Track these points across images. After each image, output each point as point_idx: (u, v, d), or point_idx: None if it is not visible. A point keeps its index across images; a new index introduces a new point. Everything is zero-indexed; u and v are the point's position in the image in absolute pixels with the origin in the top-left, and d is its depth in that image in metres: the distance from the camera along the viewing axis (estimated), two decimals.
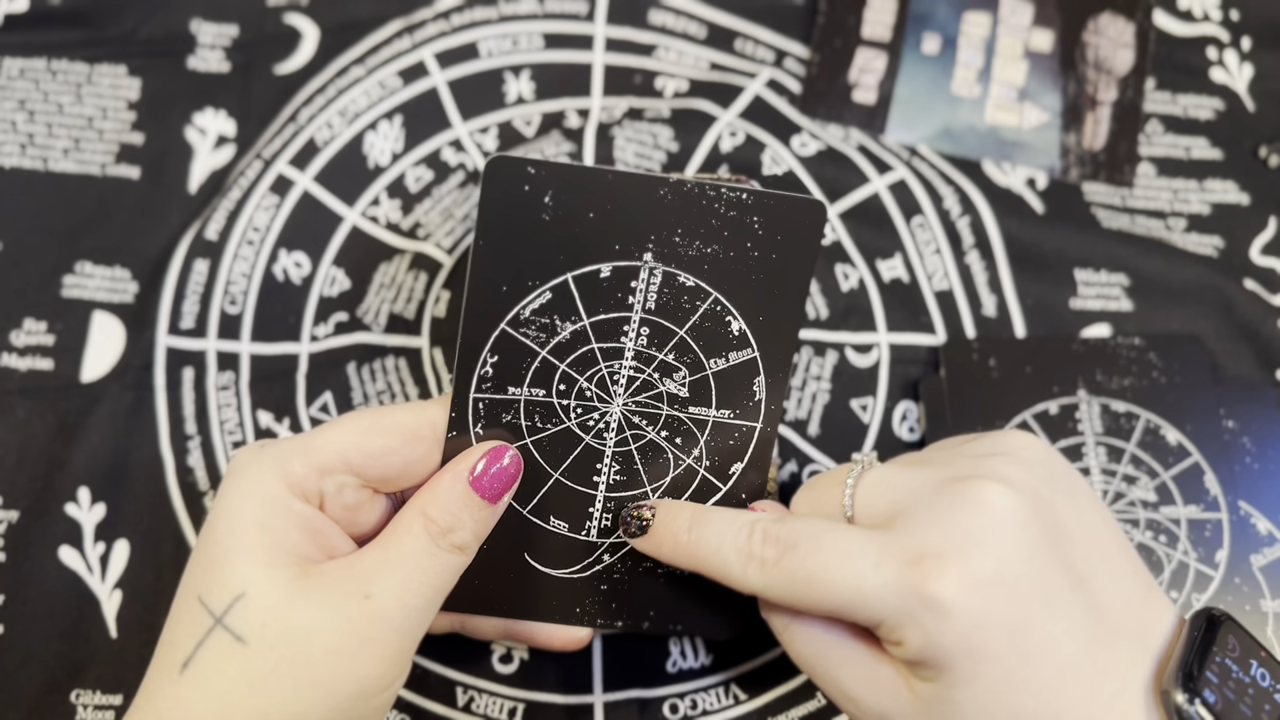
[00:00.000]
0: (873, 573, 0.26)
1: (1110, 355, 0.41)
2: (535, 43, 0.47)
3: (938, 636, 0.26)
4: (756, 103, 0.46)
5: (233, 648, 0.27)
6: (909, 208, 0.44)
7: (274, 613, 0.27)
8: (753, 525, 0.29)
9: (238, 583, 0.27)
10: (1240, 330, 0.42)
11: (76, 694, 0.37)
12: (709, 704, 0.37)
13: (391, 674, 0.28)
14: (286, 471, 0.28)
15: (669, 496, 0.33)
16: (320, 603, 0.27)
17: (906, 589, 0.26)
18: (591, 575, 0.33)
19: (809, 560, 0.27)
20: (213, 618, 0.27)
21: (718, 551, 0.29)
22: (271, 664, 0.27)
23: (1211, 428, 0.40)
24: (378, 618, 0.28)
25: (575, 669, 0.37)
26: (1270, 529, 0.39)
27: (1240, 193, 0.46)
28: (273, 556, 0.27)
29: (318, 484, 0.29)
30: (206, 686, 0.27)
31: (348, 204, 0.44)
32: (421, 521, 0.29)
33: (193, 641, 0.27)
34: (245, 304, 0.42)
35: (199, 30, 0.47)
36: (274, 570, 0.27)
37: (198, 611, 0.27)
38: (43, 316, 0.42)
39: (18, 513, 0.39)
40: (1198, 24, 0.48)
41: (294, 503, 0.28)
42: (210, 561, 0.28)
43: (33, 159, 0.44)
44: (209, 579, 0.27)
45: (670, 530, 0.31)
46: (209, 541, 0.28)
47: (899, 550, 0.27)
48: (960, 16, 0.47)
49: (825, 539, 0.28)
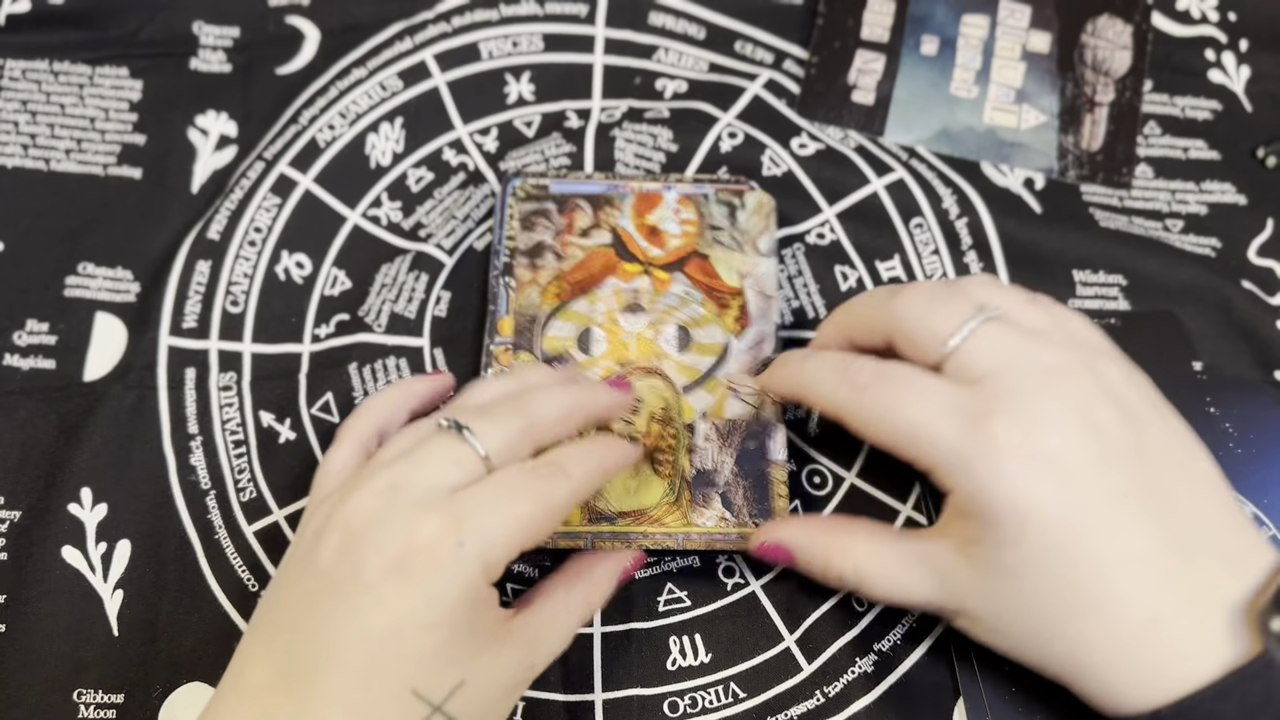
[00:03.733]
0: (944, 420, 0.29)
1: None
2: (536, 44, 0.47)
3: (986, 486, 0.28)
4: (756, 104, 0.46)
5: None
6: (907, 208, 0.44)
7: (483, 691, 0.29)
8: (854, 358, 0.32)
9: (458, 673, 0.28)
10: (1238, 330, 0.43)
11: (78, 693, 0.37)
12: (709, 702, 0.37)
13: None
14: (488, 570, 0.29)
15: None
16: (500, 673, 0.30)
17: (967, 438, 0.28)
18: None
19: (893, 393, 0.30)
20: (431, 707, 0.28)
21: (818, 370, 0.33)
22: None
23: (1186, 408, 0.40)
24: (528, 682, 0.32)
25: (575, 667, 0.37)
26: (1255, 513, 0.39)
27: (1238, 194, 0.46)
28: (479, 644, 0.29)
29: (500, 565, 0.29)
30: None
31: (349, 205, 0.44)
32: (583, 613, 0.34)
33: None
34: (247, 304, 0.43)
35: (201, 32, 0.47)
36: (480, 654, 0.29)
37: (408, 701, 0.27)
38: (45, 317, 0.42)
39: (20, 512, 0.39)
40: (1196, 25, 0.49)
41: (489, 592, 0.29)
42: (417, 651, 0.27)
43: (35, 160, 0.45)
44: (420, 670, 0.27)
45: (783, 360, 0.35)
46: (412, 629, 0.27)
47: (976, 409, 0.29)
48: (959, 18, 0.48)
49: (915, 380, 0.30)
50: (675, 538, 0.37)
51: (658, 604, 0.38)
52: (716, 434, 0.38)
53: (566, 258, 0.41)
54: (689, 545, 0.37)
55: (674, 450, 0.38)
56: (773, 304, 0.41)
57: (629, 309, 0.40)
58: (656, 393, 0.39)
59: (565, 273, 0.41)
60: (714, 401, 0.39)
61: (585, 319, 0.40)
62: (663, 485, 0.38)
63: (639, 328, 0.40)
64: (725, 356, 0.40)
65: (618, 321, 0.40)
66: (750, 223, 0.42)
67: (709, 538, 0.37)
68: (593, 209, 0.42)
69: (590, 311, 0.40)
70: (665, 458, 0.38)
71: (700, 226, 0.41)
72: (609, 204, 0.42)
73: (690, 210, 0.42)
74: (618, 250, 0.41)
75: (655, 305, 0.40)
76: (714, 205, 0.42)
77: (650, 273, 0.41)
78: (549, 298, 0.40)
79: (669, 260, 0.41)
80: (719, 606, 0.38)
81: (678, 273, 0.41)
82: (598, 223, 0.41)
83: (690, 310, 0.40)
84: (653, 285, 0.41)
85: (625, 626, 0.38)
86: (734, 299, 0.40)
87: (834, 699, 0.36)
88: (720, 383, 0.39)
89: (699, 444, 0.38)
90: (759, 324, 0.40)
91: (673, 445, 0.38)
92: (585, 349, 0.40)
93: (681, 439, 0.38)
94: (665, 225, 0.41)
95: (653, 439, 0.38)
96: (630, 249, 0.41)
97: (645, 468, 0.38)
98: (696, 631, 0.38)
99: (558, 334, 0.40)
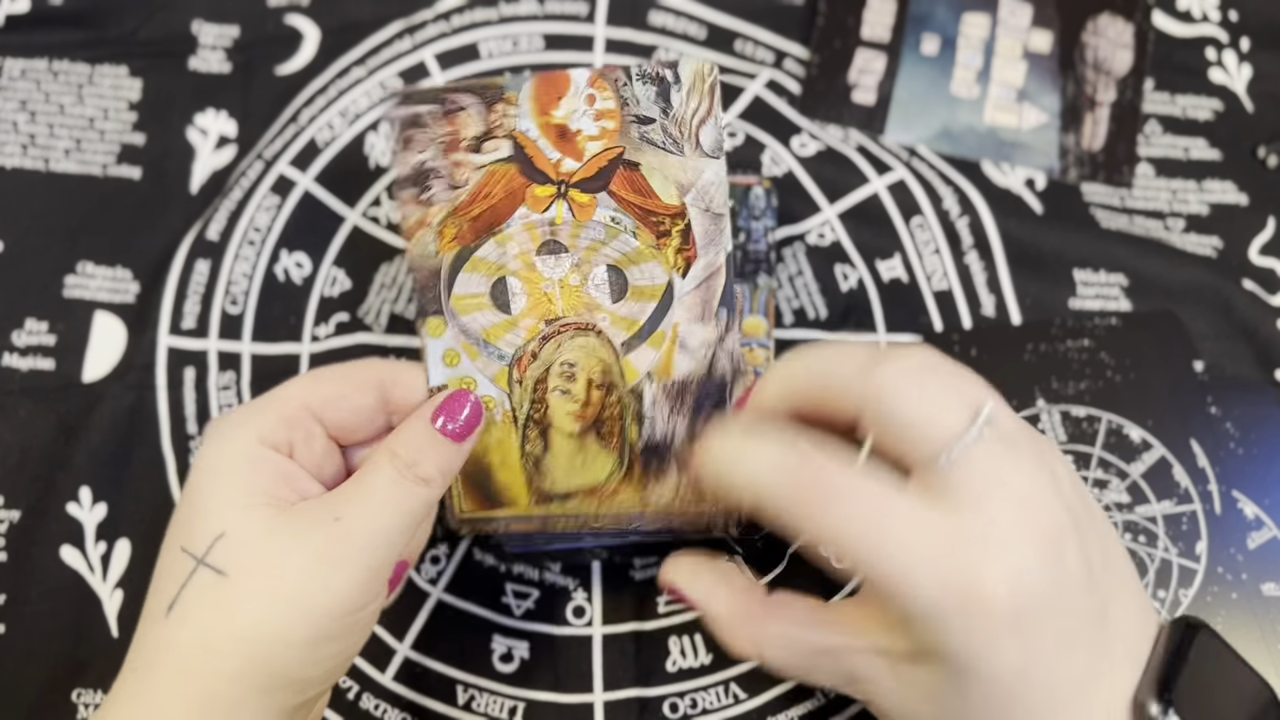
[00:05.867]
0: (927, 569, 0.25)
1: (1062, 361, 0.41)
2: (536, 44, 0.47)
3: (964, 645, 0.25)
4: (756, 103, 0.46)
5: (214, 582, 0.28)
6: (908, 208, 0.44)
7: (251, 544, 0.28)
8: (811, 456, 0.27)
9: (217, 525, 0.28)
10: (1239, 330, 0.42)
11: (78, 693, 0.37)
12: (709, 703, 0.37)
13: (364, 593, 0.29)
14: (256, 424, 0.30)
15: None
16: (293, 530, 0.29)
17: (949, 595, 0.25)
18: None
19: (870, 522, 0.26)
20: (194, 560, 0.28)
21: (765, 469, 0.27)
22: (249, 590, 0.28)
23: (1178, 412, 0.40)
24: (345, 537, 0.29)
25: (575, 668, 0.37)
26: (1258, 513, 0.39)
27: (1239, 193, 0.46)
28: (248, 499, 0.29)
29: (287, 435, 0.30)
30: (189, 623, 0.28)
31: (349, 204, 0.44)
32: (387, 456, 0.30)
33: (176, 585, 0.28)
34: (246, 304, 0.42)
35: (200, 31, 0.47)
36: (250, 510, 0.29)
37: (181, 559, 0.28)
38: (44, 316, 0.42)
39: (19, 512, 0.39)
40: (1197, 25, 0.48)
41: (265, 451, 0.30)
42: (190, 512, 0.29)
43: (34, 159, 0.44)
44: (190, 527, 0.29)
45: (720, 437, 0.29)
46: (189, 496, 0.30)
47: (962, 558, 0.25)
48: (959, 17, 0.47)
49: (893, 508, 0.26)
50: (630, 516, 0.34)
51: (658, 605, 0.38)
52: (665, 395, 0.33)
53: (459, 184, 0.33)
54: (647, 524, 0.34)
55: (619, 419, 0.33)
56: (723, 224, 0.32)
57: (546, 248, 0.33)
58: (591, 354, 0.33)
59: (462, 205, 0.33)
60: (659, 358, 0.33)
61: (496, 268, 0.33)
62: (611, 458, 0.33)
63: (561, 273, 0.33)
64: (669, 300, 0.33)
65: (535, 267, 0.33)
66: (689, 105, 0.32)
67: (667, 514, 0.33)
68: (483, 106, 0.32)
69: (501, 257, 0.33)
70: (610, 428, 0.33)
71: (622, 120, 0.32)
72: (501, 98, 0.32)
73: (608, 95, 0.32)
74: (522, 167, 0.32)
75: (578, 241, 0.33)
76: (638, 85, 0.32)
77: (567, 195, 0.32)
78: (447, 242, 0.33)
79: (588, 175, 0.32)
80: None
81: (601, 193, 0.32)
82: (490, 129, 0.32)
83: (621, 243, 0.33)
84: (572, 213, 0.32)
85: (625, 627, 0.38)
86: (675, 223, 0.32)
87: (834, 700, 0.36)
88: (665, 335, 0.33)
89: (646, 410, 0.33)
90: (707, 253, 0.32)
91: (617, 414, 0.33)
92: (502, 305, 0.33)
93: (627, 405, 0.33)
94: (578, 122, 0.32)
95: (594, 409, 0.33)
96: (537, 163, 0.32)
97: (591, 440, 0.33)
98: (697, 632, 0.38)
99: (466, 291, 0.33)
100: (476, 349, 0.33)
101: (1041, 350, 0.42)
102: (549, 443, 0.34)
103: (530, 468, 0.34)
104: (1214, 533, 0.39)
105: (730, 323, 0.33)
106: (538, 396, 0.33)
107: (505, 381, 0.33)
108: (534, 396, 0.33)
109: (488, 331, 0.33)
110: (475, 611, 0.39)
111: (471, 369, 0.33)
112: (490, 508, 0.34)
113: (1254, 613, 0.38)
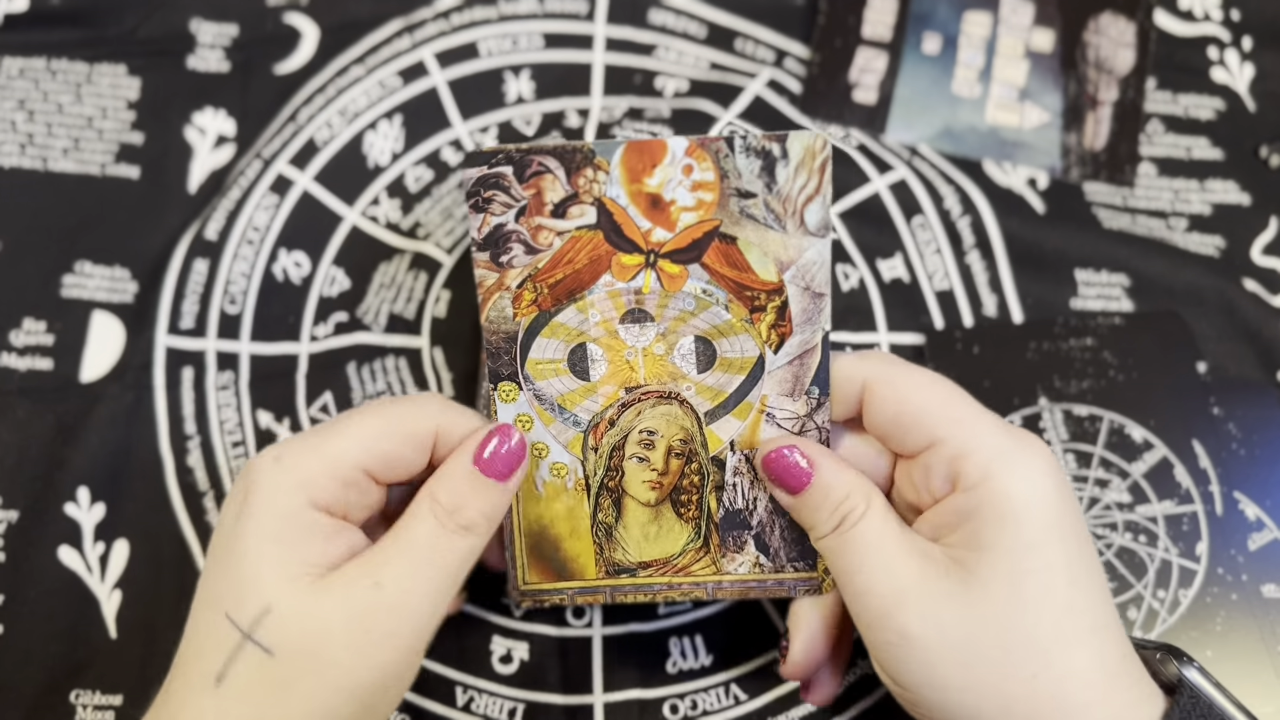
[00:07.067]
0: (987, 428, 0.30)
1: (1065, 359, 0.41)
2: (535, 42, 0.47)
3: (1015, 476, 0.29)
4: (757, 103, 0.46)
5: (262, 661, 0.28)
6: (909, 207, 0.44)
7: (297, 620, 0.28)
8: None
9: (263, 596, 0.28)
10: (1241, 331, 0.42)
11: (76, 694, 0.37)
12: (709, 704, 0.37)
13: (408, 664, 0.29)
14: (309, 489, 0.29)
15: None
16: (336, 602, 0.28)
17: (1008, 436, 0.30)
18: None
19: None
20: (241, 633, 0.28)
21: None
22: (297, 671, 0.28)
23: (1180, 412, 0.40)
24: (388, 608, 0.28)
25: (575, 669, 0.37)
26: (1259, 514, 0.39)
27: (1241, 193, 0.46)
28: (296, 570, 0.28)
29: (341, 497, 0.30)
30: (242, 699, 0.28)
31: (347, 203, 0.44)
32: (428, 504, 0.29)
33: (222, 656, 0.28)
34: (245, 304, 0.42)
35: (199, 30, 0.47)
36: (295, 581, 0.28)
37: (225, 626, 0.28)
38: (42, 316, 0.42)
39: (17, 512, 0.39)
40: (1199, 24, 0.48)
41: (317, 517, 0.29)
42: (235, 578, 0.28)
43: (32, 159, 0.44)
44: (235, 595, 0.28)
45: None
46: (234, 555, 0.29)
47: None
48: (961, 16, 0.47)
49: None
50: (705, 587, 0.33)
51: (657, 606, 0.38)
52: (748, 466, 0.33)
53: (539, 249, 0.31)
54: (720, 595, 0.34)
55: (698, 489, 0.33)
56: (823, 304, 0.31)
57: (630, 316, 0.32)
58: (673, 422, 0.32)
59: (543, 270, 0.31)
60: (744, 428, 0.32)
61: (576, 334, 0.32)
62: (687, 530, 0.33)
63: (646, 341, 0.32)
64: (758, 373, 0.32)
65: (618, 334, 0.32)
66: (796, 182, 0.30)
67: (743, 586, 0.33)
68: (566, 172, 0.30)
69: (582, 324, 0.32)
70: (688, 498, 0.33)
71: (721, 192, 0.30)
72: (588, 163, 0.30)
73: (707, 166, 0.30)
74: (608, 234, 0.31)
75: (665, 310, 0.31)
76: (741, 158, 0.30)
77: (656, 265, 0.31)
78: (525, 306, 0.32)
79: (680, 245, 0.31)
80: (719, 609, 0.38)
81: (693, 264, 0.31)
82: (576, 193, 0.31)
83: (712, 315, 0.31)
84: (660, 283, 0.31)
85: (626, 628, 0.38)
86: (771, 299, 0.31)
87: (834, 701, 0.36)
88: (752, 406, 0.32)
89: (727, 480, 0.33)
90: (803, 331, 0.31)
91: (696, 483, 0.33)
92: (580, 372, 0.32)
93: (706, 476, 0.33)
94: (672, 192, 0.30)
95: (672, 477, 0.33)
96: (626, 231, 0.31)
97: (667, 510, 0.33)
98: (697, 633, 0.38)
99: (543, 356, 0.32)
100: (551, 414, 0.32)
101: (1044, 349, 0.42)
102: (622, 511, 0.33)
103: (601, 537, 0.33)
104: (1215, 533, 0.39)
105: (822, 400, 0.32)
106: (613, 464, 0.33)
107: (579, 448, 0.33)
108: (609, 464, 0.33)
109: (564, 397, 0.32)
110: (475, 612, 0.38)
111: (545, 434, 0.33)
112: (556, 579, 0.34)
113: (1254, 614, 0.38)
